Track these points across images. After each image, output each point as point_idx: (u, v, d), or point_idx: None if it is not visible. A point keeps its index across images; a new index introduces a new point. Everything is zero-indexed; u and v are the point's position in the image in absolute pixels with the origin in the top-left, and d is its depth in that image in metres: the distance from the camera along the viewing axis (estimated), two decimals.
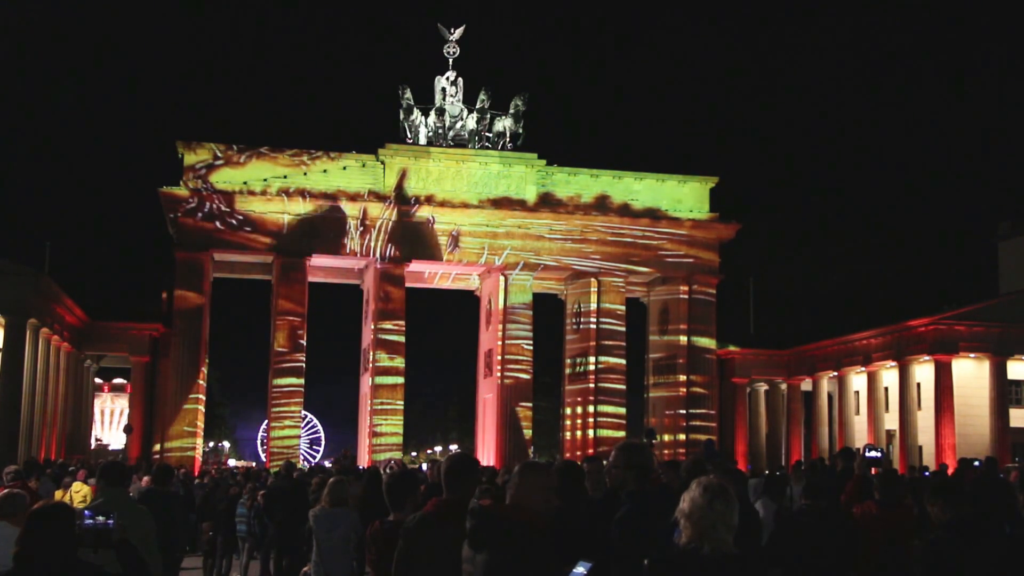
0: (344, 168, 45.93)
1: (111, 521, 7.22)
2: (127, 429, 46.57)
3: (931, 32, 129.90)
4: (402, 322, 46.13)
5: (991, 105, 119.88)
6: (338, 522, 11.05)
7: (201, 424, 45.16)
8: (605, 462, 7.66)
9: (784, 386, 55.35)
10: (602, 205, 47.83)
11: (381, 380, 45.66)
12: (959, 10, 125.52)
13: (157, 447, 44.40)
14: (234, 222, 44.45)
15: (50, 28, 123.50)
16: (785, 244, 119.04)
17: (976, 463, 24.04)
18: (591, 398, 47.94)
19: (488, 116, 47.64)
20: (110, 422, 65.49)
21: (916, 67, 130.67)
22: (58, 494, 17.69)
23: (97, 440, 60.50)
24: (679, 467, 10.50)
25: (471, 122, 47.51)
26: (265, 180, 44.73)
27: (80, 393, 50.20)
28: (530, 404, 47.17)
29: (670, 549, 4.96)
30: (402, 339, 46.12)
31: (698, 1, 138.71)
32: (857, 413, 51.42)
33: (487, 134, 47.54)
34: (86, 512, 7.61)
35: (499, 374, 46.67)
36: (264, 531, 18.02)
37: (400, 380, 46.06)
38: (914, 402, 46.67)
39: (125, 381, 64.28)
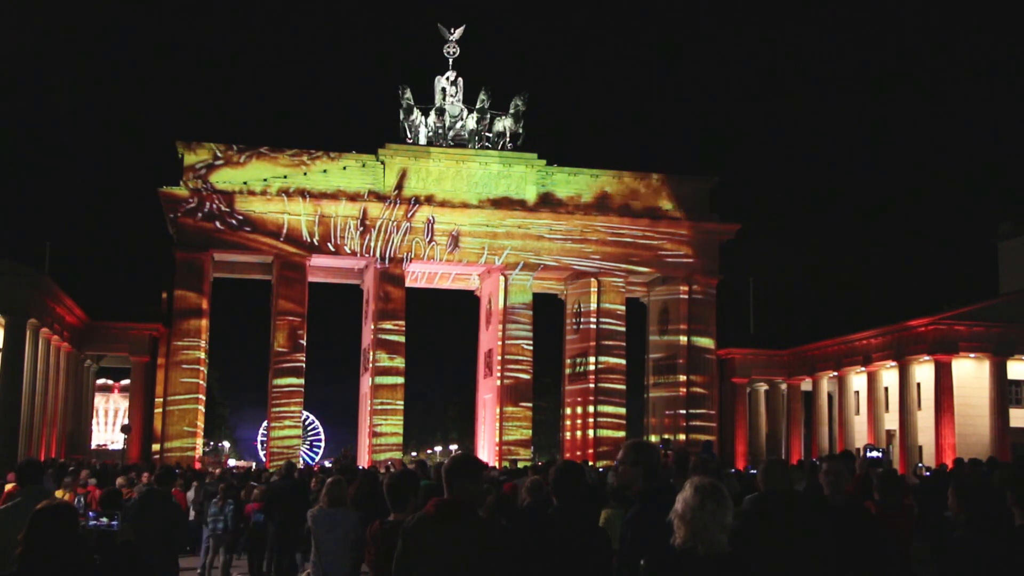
0: (344, 168, 45.96)
1: (115, 522, 7.23)
2: (125, 429, 46.61)
3: (931, 32, 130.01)
4: (402, 322, 46.17)
5: (991, 105, 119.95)
6: (337, 522, 11.05)
7: (201, 424, 45.20)
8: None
9: (784, 386, 55.35)
10: (602, 205, 47.85)
11: (381, 380, 45.69)
12: (959, 10, 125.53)
13: (157, 447, 44.47)
14: (234, 222, 44.48)
15: (50, 28, 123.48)
16: (785, 244, 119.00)
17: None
18: (591, 398, 47.95)
19: (488, 116, 47.66)
20: (105, 422, 65.42)
21: (916, 67, 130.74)
22: (58, 494, 17.71)
23: (100, 446, 60.51)
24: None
25: (471, 122, 47.53)
26: (265, 180, 44.76)
27: (80, 393, 50.20)
28: (530, 404, 47.20)
29: (666, 549, 4.98)
30: (402, 339, 46.16)
31: (698, 1, 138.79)
32: (857, 413, 51.42)
33: (487, 134, 47.56)
34: (90, 513, 7.63)
35: (499, 374, 46.70)
36: (236, 529, 18.39)
37: (400, 380, 46.09)
38: (914, 402, 46.65)
39: (112, 381, 64.24)
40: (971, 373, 45.72)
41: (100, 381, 60.91)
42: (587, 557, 6.33)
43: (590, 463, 36.15)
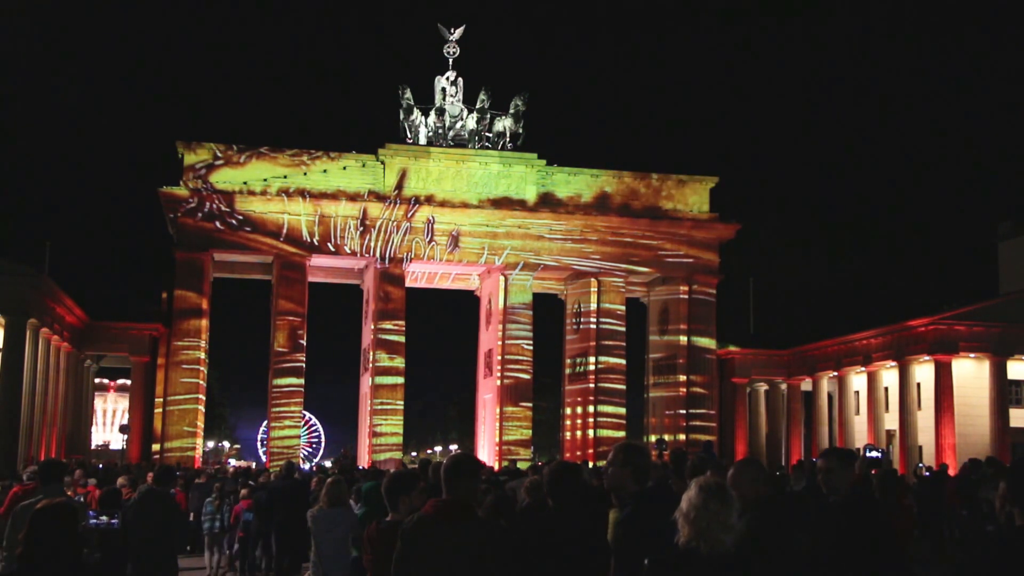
0: (344, 168, 45.94)
1: (115, 521, 7.26)
2: (124, 429, 46.58)
3: (931, 32, 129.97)
4: (402, 322, 46.15)
5: (991, 105, 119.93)
6: (336, 522, 11.05)
7: (201, 424, 45.18)
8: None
9: (784, 386, 55.33)
10: (602, 205, 47.84)
11: (381, 380, 45.68)
12: (959, 10, 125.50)
13: (157, 447, 44.48)
14: (234, 222, 44.47)
15: (50, 28, 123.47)
16: (785, 244, 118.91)
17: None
18: (591, 398, 47.94)
19: (488, 116, 47.65)
20: (103, 422, 65.43)
21: (916, 67, 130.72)
22: None
23: (104, 443, 60.52)
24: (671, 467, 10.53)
25: (471, 122, 47.52)
26: (265, 180, 44.75)
27: (80, 393, 50.20)
28: (530, 404, 47.18)
29: (669, 549, 4.98)
30: (402, 339, 46.14)
31: (698, 1, 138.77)
32: (857, 413, 51.40)
33: (487, 134, 47.55)
34: (91, 512, 7.65)
35: (499, 374, 46.69)
36: (263, 526, 18.40)
37: (400, 380, 46.07)
38: (914, 402, 46.64)
39: (107, 380, 64.25)
40: (971, 373, 45.71)
41: (99, 380, 60.91)
42: (584, 558, 6.33)
43: (590, 463, 36.15)
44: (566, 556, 6.26)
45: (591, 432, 47.50)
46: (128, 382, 60.04)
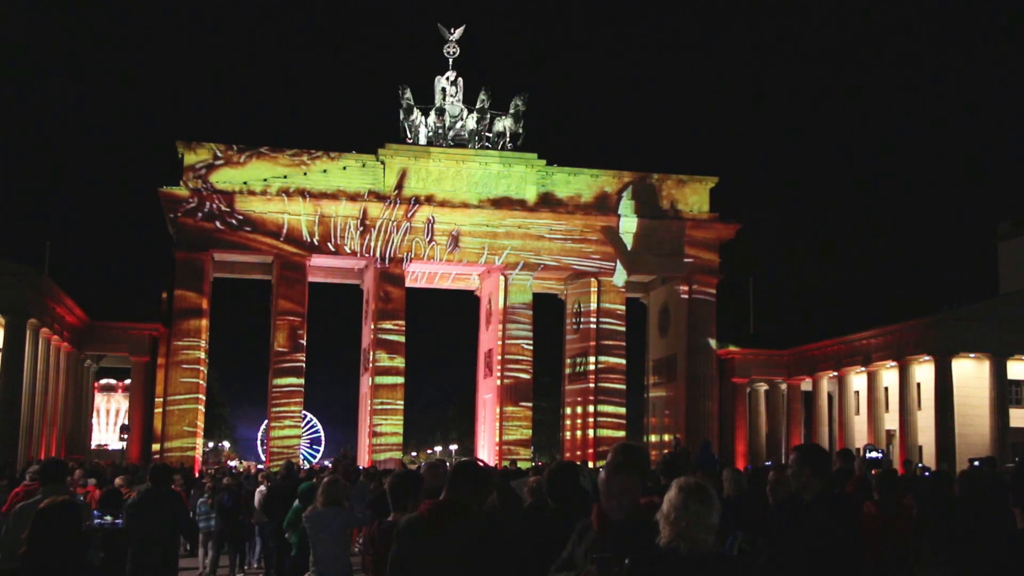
0: (344, 168, 45.93)
1: (119, 521, 7.26)
2: (124, 429, 46.52)
3: (931, 32, 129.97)
4: (402, 322, 46.15)
5: (991, 105, 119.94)
6: (329, 522, 11.03)
7: (201, 424, 45.17)
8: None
9: (784, 386, 55.30)
10: (602, 205, 47.83)
11: (381, 380, 45.67)
12: (959, 10, 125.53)
13: (157, 447, 44.47)
14: (234, 222, 44.46)
15: (50, 28, 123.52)
16: (785, 244, 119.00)
17: (976, 463, 24.15)
18: (591, 398, 47.93)
19: (488, 116, 47.63)
20: (106, 422, 65.38)
21: (916, 67, 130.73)
22: None
23: (100, 446, 60.49)
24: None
25: (471, 122, 47.51)
26: (265, 180, 44.74)
27: (80, 393, 50.17)
28: (530, 404, 47.18)
29: (651, 549, 4.99)
30: (402, 339, 46.13)
31: (699, 1, 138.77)
32: (857, 413, 51.38)
33: (487, 134, 47.53)
34: (95, 512, 7.65)
35: (499, 374, 46.68)
36: (225, 527, 18.76)
37: (400, 380, 46.06)
38: (914, 402, 46.62)
39: (115, 381, 64.25)
40: (971, 373, 45.68)
41: (104, 381, 60.89)
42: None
43: (590, 463, 36.16)
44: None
45: (591, 432, 47.49)
46: (115, 381, 60.11)
